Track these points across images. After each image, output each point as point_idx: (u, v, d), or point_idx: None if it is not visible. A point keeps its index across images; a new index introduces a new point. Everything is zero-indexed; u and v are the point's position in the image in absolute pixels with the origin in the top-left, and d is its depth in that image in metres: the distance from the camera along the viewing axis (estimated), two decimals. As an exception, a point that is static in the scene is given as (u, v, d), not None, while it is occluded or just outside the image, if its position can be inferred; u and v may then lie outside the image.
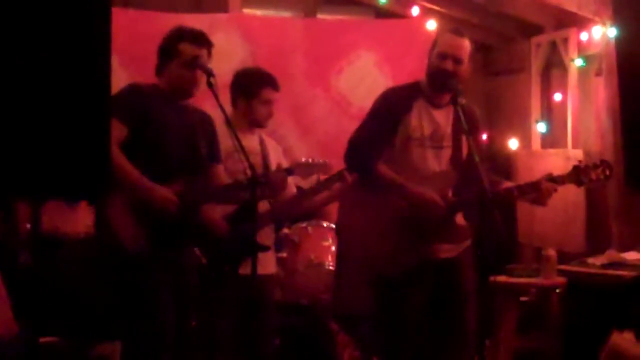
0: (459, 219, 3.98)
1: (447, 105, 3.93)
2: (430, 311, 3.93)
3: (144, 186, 3.69)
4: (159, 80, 3.91)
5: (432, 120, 3.92)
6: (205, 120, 4.05)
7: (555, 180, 3.89)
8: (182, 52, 3.81)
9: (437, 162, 3.93)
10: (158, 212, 3.70)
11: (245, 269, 3.81)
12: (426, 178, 3.89)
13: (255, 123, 4.47)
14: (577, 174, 3.92)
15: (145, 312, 3.72)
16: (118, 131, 3.58)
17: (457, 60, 3.86)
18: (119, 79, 4.27)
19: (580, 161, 4.00)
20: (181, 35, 3.86)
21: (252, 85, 4.43)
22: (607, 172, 3.93)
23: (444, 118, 3.93)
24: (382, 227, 3.92)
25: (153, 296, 3.72)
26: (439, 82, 3.86)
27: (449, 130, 3.90)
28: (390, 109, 3.94)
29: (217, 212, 4.13)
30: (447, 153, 3.93)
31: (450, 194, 3.90)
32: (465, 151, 3.89)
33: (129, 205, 3.68)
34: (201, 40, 3.87)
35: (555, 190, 3.88)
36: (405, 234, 3.87)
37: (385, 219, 3.91)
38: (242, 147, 3.68)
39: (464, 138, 3.82)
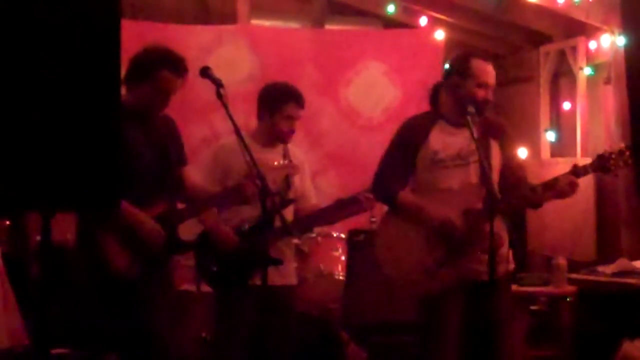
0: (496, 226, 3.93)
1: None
2: (467, 336, 3.91)
3: (133, 217, 3.69)
4: (127, 93, 3.78)
5: (454, 140, 3.95)
6: (169, 124, 4.01)
7: (581, 170, 3.80)
8: (161, 79, 3.77)
9: (464, 178, 3.94)
10: (146, 244, 3.72)
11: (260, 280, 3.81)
12: (452, 196, 3.92)
13: (278, 138, 4.39)
14: (602, 162, 3.81)
15: (143, 331, 3.73)
16: None
17: (492, 87, 3.96)
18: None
19: (605, 150, 3.88)
20: (162, 61, 3.78)
21: (275, 100, 4.35)
22: (631, 158, 3.84)
23: (466, 135, 3.87)
24: (415, 249, 3.95)
25: (148, 316, 3.73)
26: (480, 110, 3.90)
27: (473, 145, 3.85)
28: (409, 138, 4.01)
29: (222, 222, 4.20)
30: (474, 168, 3.92)
31: (480, 205, 3.87)
32: (497, 161, 3.95)
33: (119, 232, 3.68)
34: (181, 68, 3.80)
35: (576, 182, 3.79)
36: (435, 254, 3.90)
37: (416, 241, 3.95)
38: (251, 157, 3.67)
39: (492, 148, 3.92)
